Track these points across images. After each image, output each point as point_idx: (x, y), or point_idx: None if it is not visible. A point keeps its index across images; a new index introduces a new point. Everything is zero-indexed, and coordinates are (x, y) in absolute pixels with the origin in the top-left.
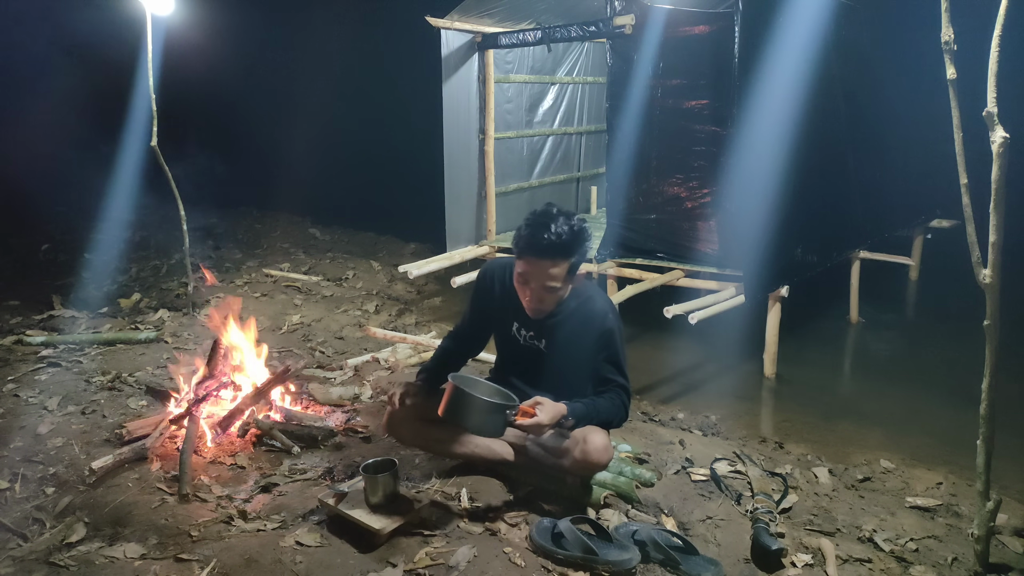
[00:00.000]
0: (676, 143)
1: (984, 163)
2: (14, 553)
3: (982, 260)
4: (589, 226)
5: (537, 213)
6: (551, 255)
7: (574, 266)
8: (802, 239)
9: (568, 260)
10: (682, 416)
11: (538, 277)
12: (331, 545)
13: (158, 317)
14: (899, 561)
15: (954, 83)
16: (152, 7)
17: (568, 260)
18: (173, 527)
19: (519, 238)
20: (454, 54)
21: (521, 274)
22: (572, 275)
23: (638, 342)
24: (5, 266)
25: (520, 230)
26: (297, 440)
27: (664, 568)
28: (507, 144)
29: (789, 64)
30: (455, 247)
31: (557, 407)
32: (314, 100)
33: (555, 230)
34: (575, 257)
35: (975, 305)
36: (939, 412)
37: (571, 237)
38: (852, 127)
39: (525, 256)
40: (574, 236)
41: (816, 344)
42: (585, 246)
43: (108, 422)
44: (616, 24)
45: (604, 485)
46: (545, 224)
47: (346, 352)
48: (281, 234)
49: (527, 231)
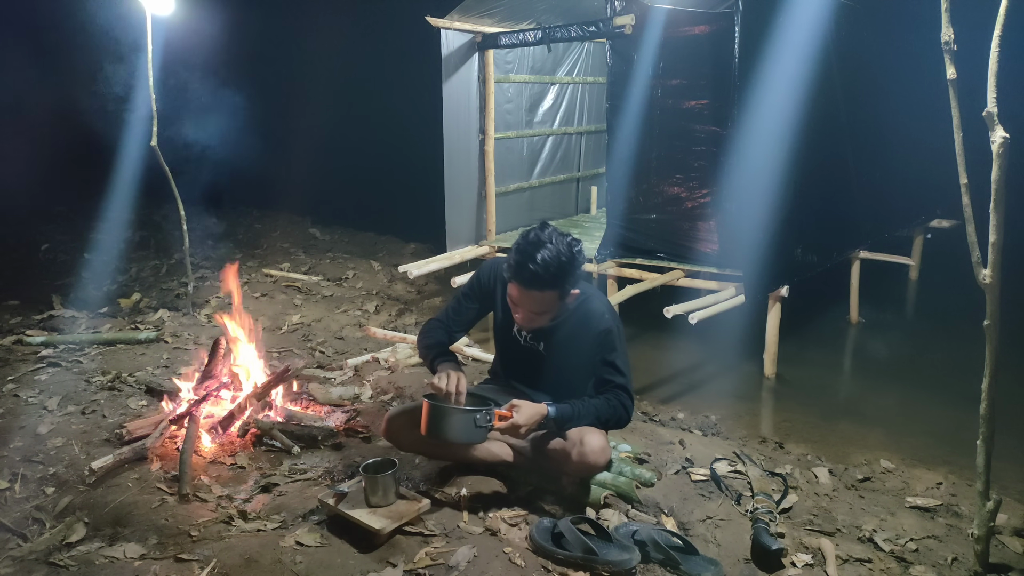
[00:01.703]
0: (676, 143)
1: (984, 163)
2: (14, 553)
3: (982, 260)
4: (582, 249)
5: (529, 239)
6: (537, 286)
7: (565, 292)
8: (802, 239)
9: (555, 291)
10: (682, 416)
11: (525, 304)
12: (331, 545)
13: (158, 317)
14: (899, 561)
15: (954, 83)
16: (152, 7)
17: (555, 291)
18: (173, 527)
19: (508, 262)
20: (454, 54)
21: (511, 296)
22: (564, 299)
23: (638, 342)
24: (5, 266)
25: (511, 253)
26: (297, 440)
27: (664, 568)
28: (507, 144)
29: (789, 64)
30: (455, 247)
31: (536, 409)
32: (314, 100)
33: (541, 261)
34: (565, 285)
35: (975, 305)
36: (939, 412)
37: (558, 269)
38: (852, 127)
39: (512, 282)
40: (561, 268)
41: (816, 344)
42: (575, 274)
43: (108, 422)
44: (616, 24)
45: (604, 485)
46: (532, 255)
47: (346, 352)
48: (281, 234)
49: (515, 258)
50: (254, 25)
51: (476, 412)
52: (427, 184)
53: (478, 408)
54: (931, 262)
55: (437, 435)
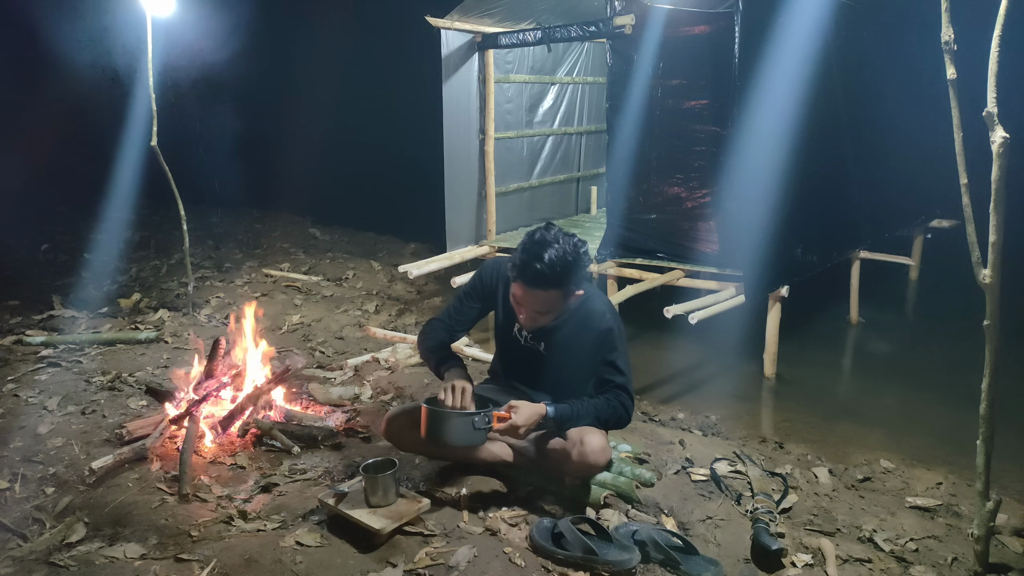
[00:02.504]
0: (676, 143)
1: (984, 163)
2: (14, 553)
3: (982, 260)
4: (588, 250)
5: (535, 239)
6: (542, 286)
7: (569, 292)
8: (802, 239)
9: (560, 290)
10: (682, 416)
11: (529, 303)
12: (331, 545)
13: (158, 317)
14: (899, 561)
15: (954, 83)
16: (152, 9)
17: (560, 290)
18: (173, 527)
19: (513, 262)
20: (454, 54)
21: (514, 295)
22: (567, 299)
23: (638, 342)
24: (5, 266)
25: (516, 252)
26: (297, 440)
27: (664, 568)
28: (507, 144)
29: (789, 64)
30: (455, 247)
31: (534, 409)
32: (314, 99)
33: (548, 260)
34: (567, 287)
35: (975, 305)
36: (939, 412)
37: (563, 269)
38: (852, 127)
39: (517, 281)
40: (566, 267)
41: (816, 344)
42: (580, 274)
43: (108, 422)
44: (616, 24)
45: (604, 485)
46: (538, 254)
47: (346, 352)
48: (281, 234)
49: (520, 257)
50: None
51: (475, 415)
52: (427, 184)
53: (476, 411)
54: (931, 262)
55: (437, 439)
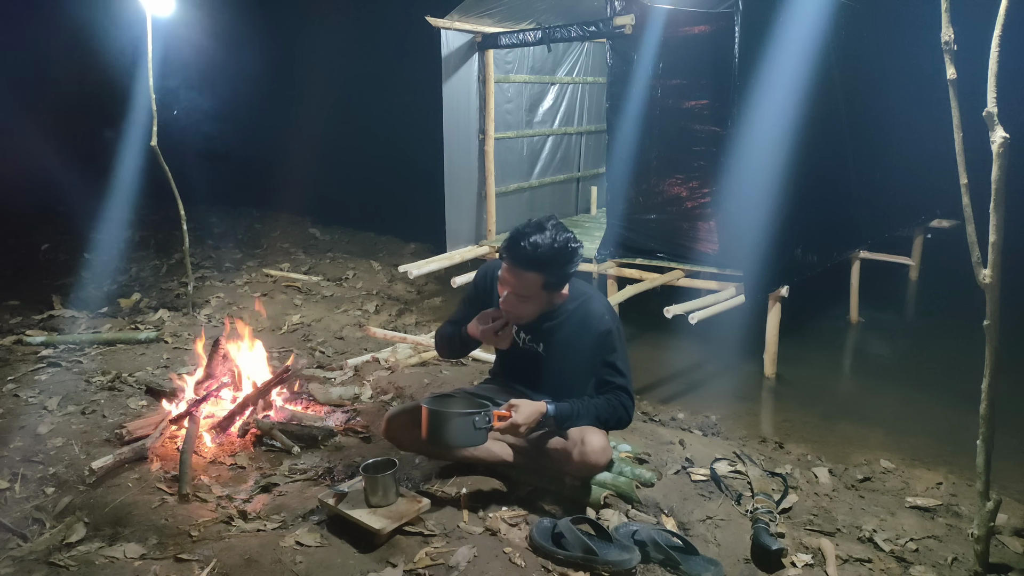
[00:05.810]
0: (676, 143)
1: (984, 163)
2: (14, 553)
3: (982, 260)
4: (580, 250)
5: (531, 222)
6: (524, 265)
7: (550, 283)
8: (802, 239)
9: (540, 274)
10: (682, 416)
11: (509, 282)
12: (331, 545)
13: (158, 317)
14: (899, 561)
15: (954, 83)
16: (152, 8)
17: (540, 274)
18: (173, 527)
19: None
20: (454, 54)
21: (501, 276)
22: (549, 291)
23: (638, 342)
24: (5, 266)
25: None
26: (297, 440)
27: (664, 568)
28: (507, 144)
29: (789, 64)
30: (455, 247)
31: (535, 407)
32: (314, 100)
33: (534, 241)
34: (550, 274)
35: (975, 305)
36: (939, 412)
37: (549, 253)
38: (852, 127)
39: (503, 258)
40: (553, 252)
41: (816, 344)
42: (566, 266)
43: (108, 422)
44: (616, 24)
45: (604, 485)
46: (527, 234)
47: (346, 352)
48: (281, 234)
49: (511, 235)
50: (254, 25)
51: (475, 415)
52: (427, 184)
53: (476, 411)
54: (931, 262)
55: (438, 440)
